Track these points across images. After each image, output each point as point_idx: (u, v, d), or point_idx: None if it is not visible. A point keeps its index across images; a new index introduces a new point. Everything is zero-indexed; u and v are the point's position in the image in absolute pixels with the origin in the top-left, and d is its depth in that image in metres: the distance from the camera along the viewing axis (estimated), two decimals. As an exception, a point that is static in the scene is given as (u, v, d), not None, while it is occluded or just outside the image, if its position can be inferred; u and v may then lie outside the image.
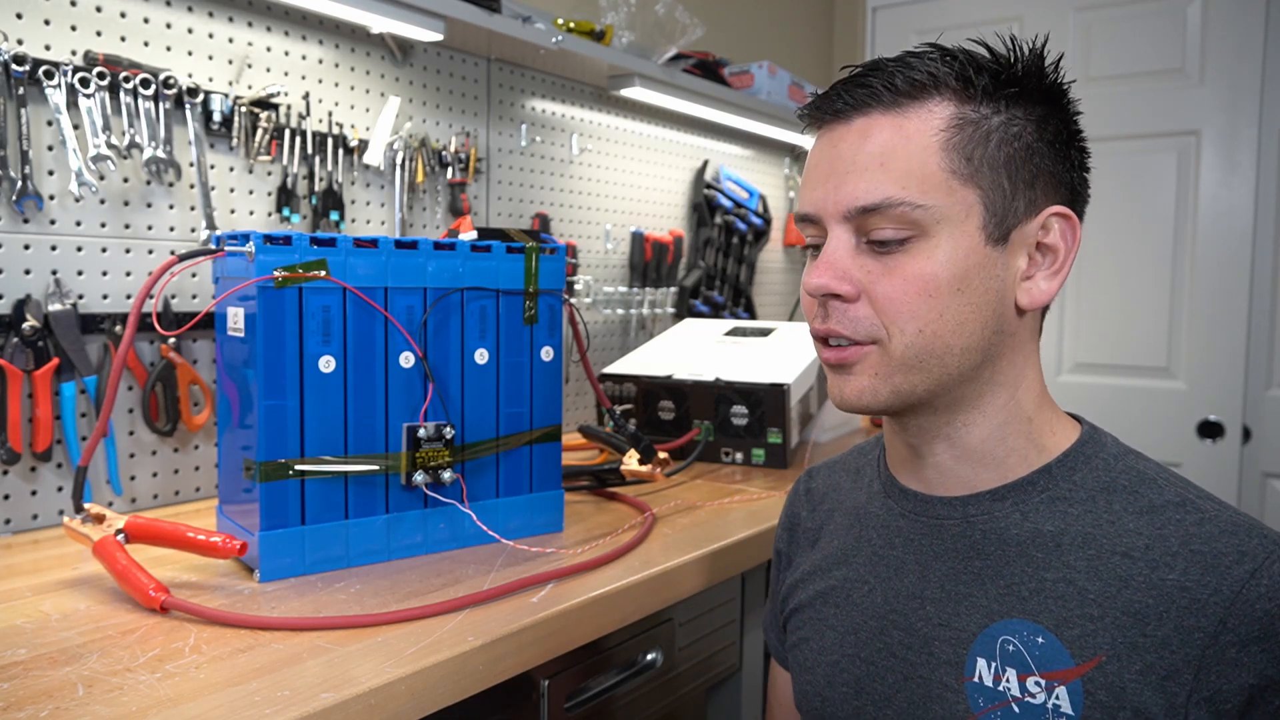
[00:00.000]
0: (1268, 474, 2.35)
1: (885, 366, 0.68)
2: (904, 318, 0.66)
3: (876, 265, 0.67)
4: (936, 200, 0.65)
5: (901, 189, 0.65)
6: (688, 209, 2.29)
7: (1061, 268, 0.70)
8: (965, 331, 0.67)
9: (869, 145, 0.67)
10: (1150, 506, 0.66)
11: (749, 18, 2.62)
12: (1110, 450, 0.71)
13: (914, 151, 0.66)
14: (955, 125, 0.66)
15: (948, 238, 0.66)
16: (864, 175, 0.66)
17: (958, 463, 0.72)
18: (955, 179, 0.66)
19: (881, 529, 0.78)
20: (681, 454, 1.57)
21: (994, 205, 0.67)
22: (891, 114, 0.67)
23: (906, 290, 0.66)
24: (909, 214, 0.65)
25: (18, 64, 1.09)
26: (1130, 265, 2.45)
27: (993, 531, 0.70)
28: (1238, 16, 2.29)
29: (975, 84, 0.67)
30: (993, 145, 0.67)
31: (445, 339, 1.06)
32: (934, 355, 0.67)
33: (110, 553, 0.89)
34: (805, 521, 0.89)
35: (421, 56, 1.59)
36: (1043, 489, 0.69)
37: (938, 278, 0.66)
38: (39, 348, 1.12)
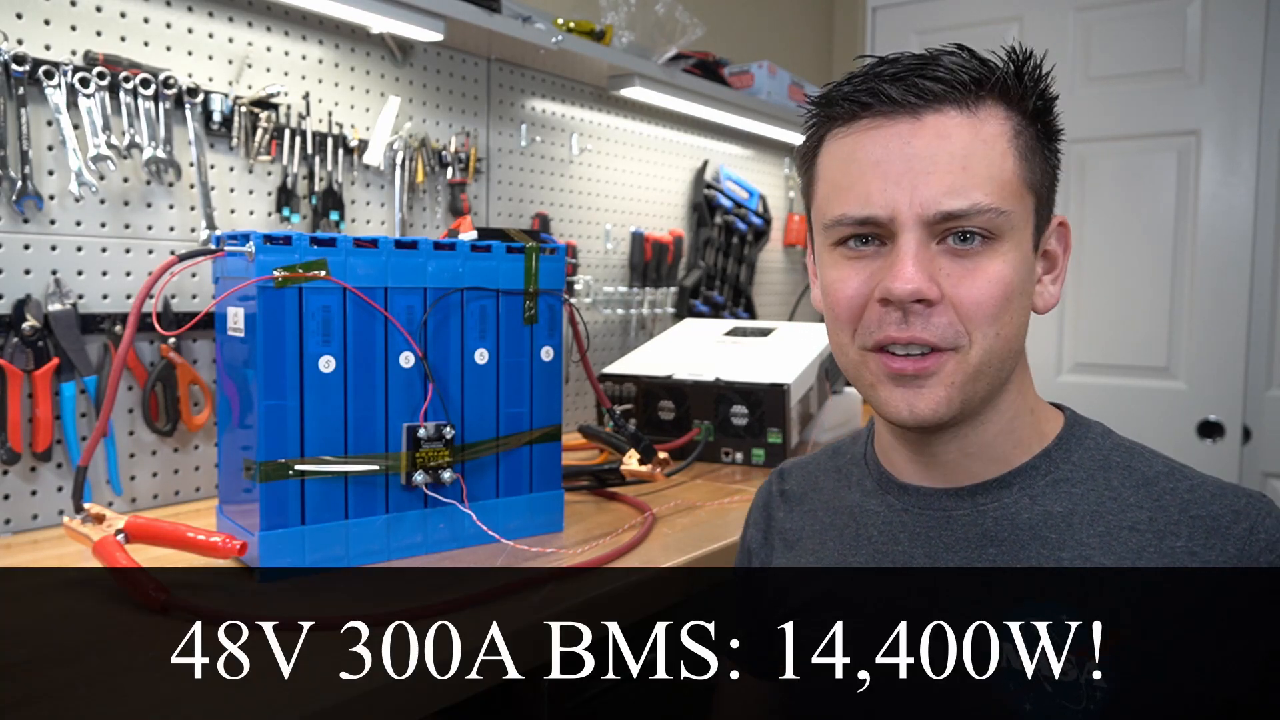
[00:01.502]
0: (1268, 474, 2.34)
1: (962, 375, 0.67)
2: (986, 321, 0.66)
3: (955, 268, 0.66)
4: (1013, 206, 0.66)
5: (985, 194, 0.65)
6: (688, 209, 2.29)
7: (1061, 273, 0.73)
8: (1021, 335, 0.69)
9: (949, 145, 0.65)
10: (1145, 479, 0.69)
11: (749, 18, 2.62)
12: (1096, 430, 0.74)
13: (994, 156, 0.65)
14: (1018, 131, 0.67)
15: (1015, 243, 0.67)
16: (946, 178, 0.64)
17: (967, 458, 0.72)
18: (1025, 186, 0.67)
19: (883, 526, 0.76)
20: (681, 454, 1.57)
21: (1041, 213, 0.69)
22: (965, 113, 0.66)
23: (991, 293, 0.65)
24: (993, 220, 0.65)
25: (18, 64, 1.09)
26: (1130, 265, 2.45)
27: (1004, 518, 0.70)
28: (1238, 16, 2.29)
29: (1017, 91, 0.67)
30: (1039, 155, 0.69)
31: (445, 339, 1.06)
32: (1002, 359, 0.68)
33: (110, 553, 0.89)
34: (782, 523, 0.86)
35: (421, 56, 1.59)
36: (1045, 472, 0.71)
37: (1012, 282, 0.66)
38: (39, 348, 1.12)
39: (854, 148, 0.68)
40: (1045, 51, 0.71)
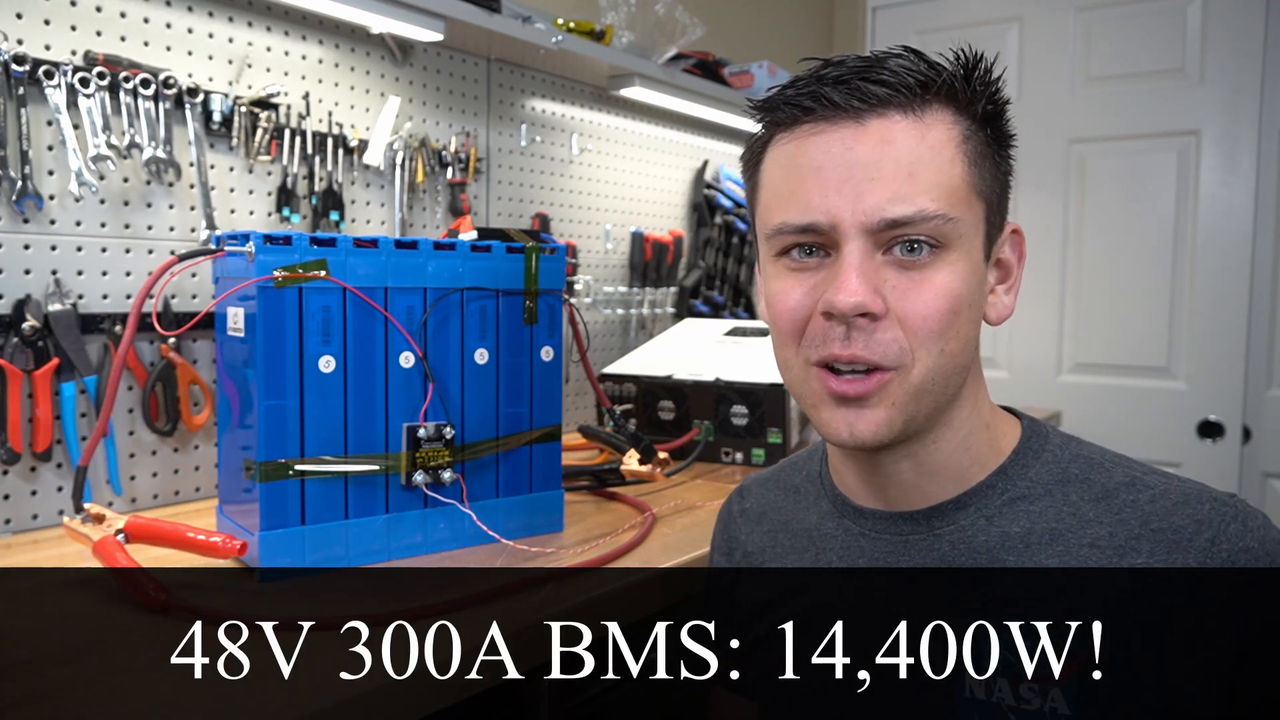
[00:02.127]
0: (1268, 474, 2.34)
1: (904, 394, 0.64)
2: (932, 337, 0.63)
3: (901, 279, 0.63)
4: (961, 214, 0.63)
5: (932, 201, 0.62)
6: (688, 209, 2.29)
7: (1015, 282, 0.70)
8: (969, 350, 0.66)
9: (894, 151, 0.62)
10: (1104, 491, 0.66)
11: (749, 18, 2.62)
12: (1054, 440, 0.71)
13: (941, 162, 0.63)
14: (966, 136, 0.64)
15: (964, 253, 0.64)
16: (890, 185, 0.62)
17: (920, 478, 0.69)
18: (973, 192, 0.64)
19: (841, 551, 0.74)
20: (681, 454, 1.57)
21: (991, 220, 0.66)
22: (910, 118, 0.63)
23: (938, 306, 0.62)
24: (940, 227, 0.62)
25: (18, 64, 1.09)
26: (1130, 265, 2.45)
27: (960, 541, 0.68)
28: (1238, 16, 2.29)
29: (967, 94, 0.65)
30: (990, 159, 0.66)
31: (445, 339, 1.06)
32: (947, 377, 0.65)
33: (110, 553, 0.89)
34: (746, 544, 0.84)
35: (421, 56, 1.59)
36: (1002, 490, 0.68)
37: (961, 294, 0.63)
38: (39, 348, 1.12)
39: (796, 154, 0.65)
40: (997, 54, 0.69)
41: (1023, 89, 2.54)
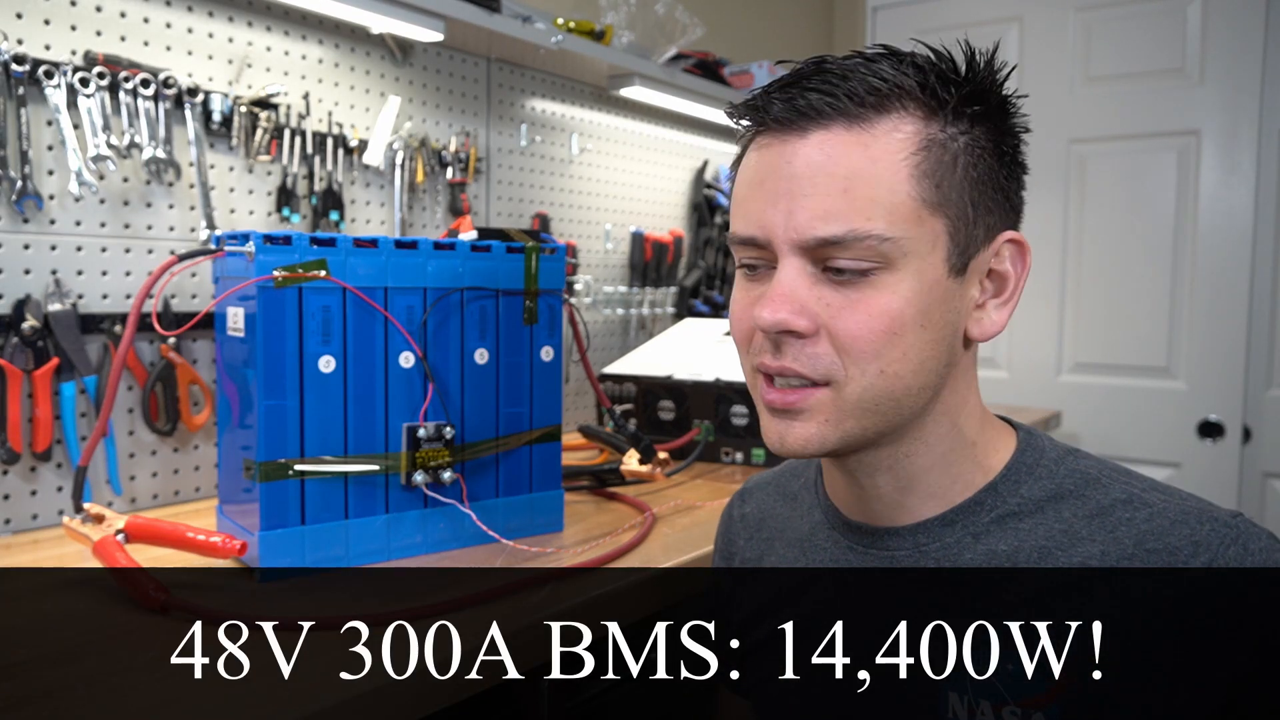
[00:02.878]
0: (1268, 474, 2.34)
1: (837, 411, 0.62)
2: (866, 357, 0.60)
3: (836, 297, 0.61)
4: (905, 232, 0.59)
5: (867, 220, 0.59)
6: (688, 209, 2.29)
7: (1012, 296, 0.65)
8: (925, 371, 0.62)
9: (831, 166, 0.59)
10: (1099, 509, 0.63)
11: (749, 18, 2.62)
12: (1050, 454, 0.67)
13: (882, 177, 0.59)
14: (924, 147, 0.60)
15: (913, 271, 0.60)
16: (824, 201, 0.59)
17: (901, 494, 0.68)
18: (925, 208, 0.60)
19: (830, 563, 0.73)
20: (681, 454, 1.57)
21: (959, 235, 0.62)
22: (855, 130, 0.60)
23: (870, 328, 0.60)
24: (876, 247, 0.59)
25: (18, 64, 1.09)
26: (1130, 265, 2.45)
27: (946, 559, 0.66)
28: (1238, 16, 2.29)
29: (940, 98, 0.61)
30: (960, 170, 0.61)
31: (445, 339, 1.06)
32: (891, 398, 0.62)
33: (110, 553, 0.89)
34: (743, 551, 0.84)
35: (421, 56, 1.59)
36: (990, 508, 0.66)
37: (903, 315, 0.60)
38: (39, 348, 1.12)
39: (751, 164, 0.64)
40: (995, 46, 0.65)
41: (1022, 89, 2.51)
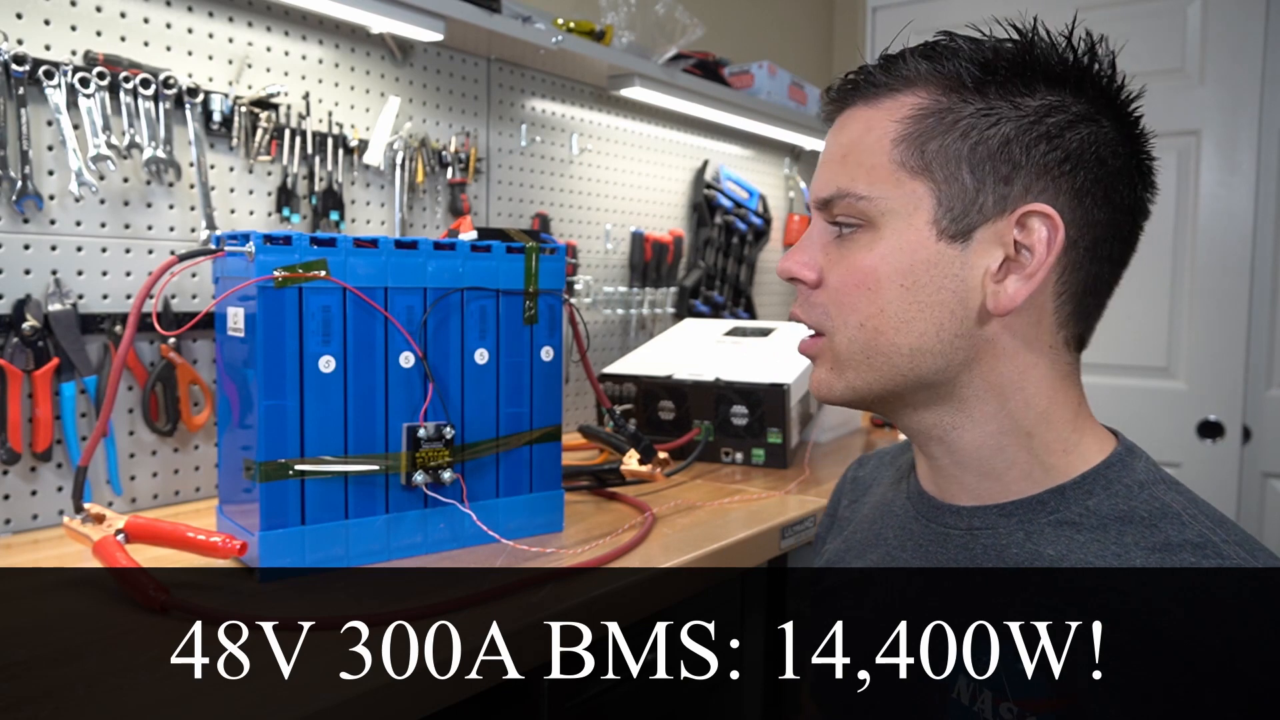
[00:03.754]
0: (1268, 474, 2.34)
1: (835, 361, 0.69)
2: (845, 309, 0.67)
3: (836, 254, 0.68)
4: (881, 192, 0.65)
5: (850, 180, 0.66)
6: (688, 209, 2.29)
7: (1035, 271, 0.63)
8: (913, 331, 0.64)
9: (840, 137, 0.69)
10: (1165, 544, 0.59)
11: (749, 18, 2.62)
12: (1138, 476, 0.65)
13: (870, 143, 0.66)
14: (914, 116, 0.65)
15: (893, 231, 0.65)
16: (829, 166, 0.68)
17: (957, 468, 0.69)
18: (904, 171, 0.64)
19: (897, 529, 0.76)
20: (681, 454, 1.57)
21: (949, 200, 0.63)
22: (867, 107, 0.68)
23: (847, 280, 0.67)
24: (854, 205, 0.66)
25: (18, 64, 1.09)
26: (1130, 265, 2.44)
27: (994, 548, 0.67)
28: (1238, 16, 2.29)
29: (951, 73, 0.64)
30: (954, 136, 0.63)
31: (445, 339, 1.06)
32: (879, 352, 0.66)
33: (110, 553, 0.89)
34: (843, 510, 0.89)
35: (421, 56, 1.59)
36: (1052, 510, 0.65)
37: (877, 271, 0.65)
38: (39, 348, 1.12)
39: None
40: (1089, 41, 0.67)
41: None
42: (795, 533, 1.25)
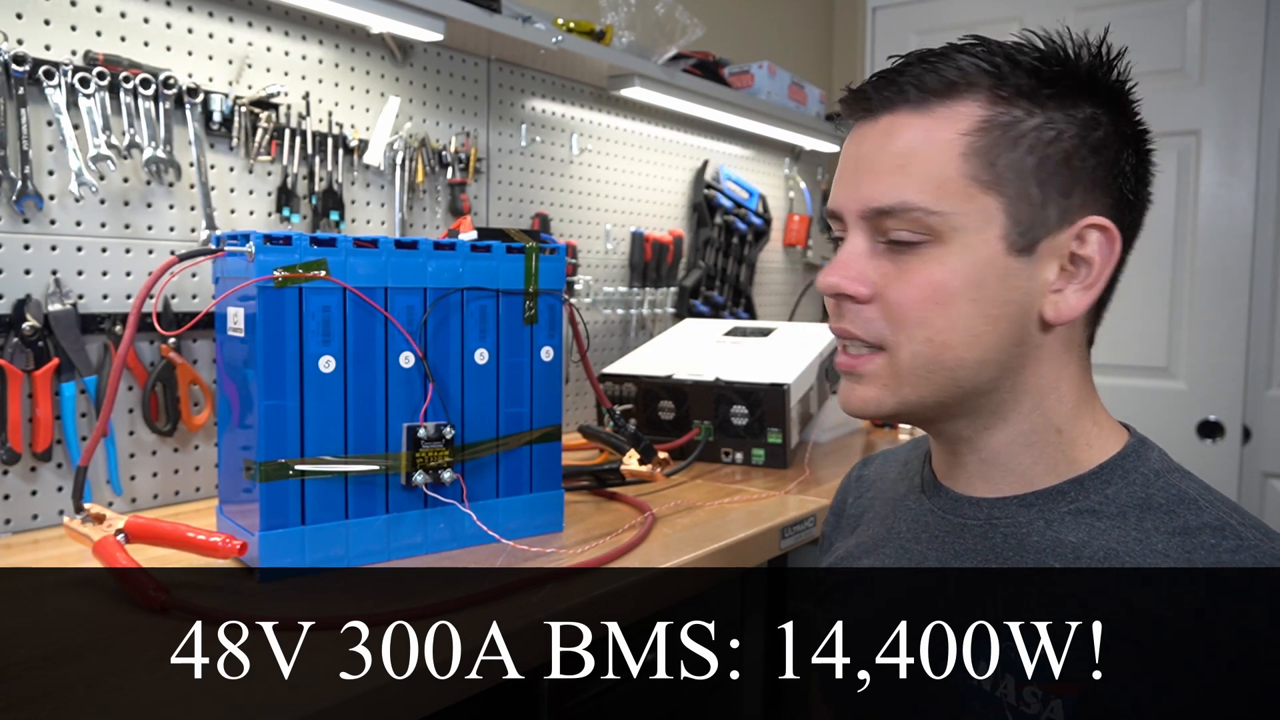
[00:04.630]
0: (1268, 474, 2.34)
1: (893, 377, 0.66)
2: (912, 325, 0.65)
3: (891, 268, 0.66)
4: (953, 207, 0.63)
5: (917, 193, 0.63)
6: (688, 209, 2.29)
7: (1095, 282, 0.67)
8: (980, 345, 0.65)
9: (891, 145, 0.65)
10: (1185, 528, 0.62)
11: (749, 18, 2.62)
12: (1153, 466, 0.67)
13: (935, 155, 0.64)
14: (981, 129, 0.63)
15: (963, 245, 0.64)
16: (882, 176, 0.65)
17: (984, 466, 0.71)
18: (975, 186, 0.63)
19: (911, 523, 0.77)
20: (681, 454, 1.57)
21: (1019, 214, 0.64)
22: (919, 114, 0.65)
23: (916, 296, 0.64)
24: (923, 219, 0.63)
25: (18, 64, 1.09)
26: (1130, 265, 2.43)
27: (1014, 536, 0.68)
28: (1238, 16, 2.29)
29: (1010, 83, 0.64)
30: (1022, 150, 0.64)
31: (445, 339, 1.06)
32: (943, 367, 0.65)
33: (110, 553, 0.89)
34: (850, 508, 0.89)
35: (421, 56, 1.59)
36: (1072, 500, 0.67)
37: (949, 286, 0.64)
38: (39, 348, 1.12)
39: (842, 150, 0.72)
40: (1120, 50, 0.67)
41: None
42: (795, 533, 1.25)
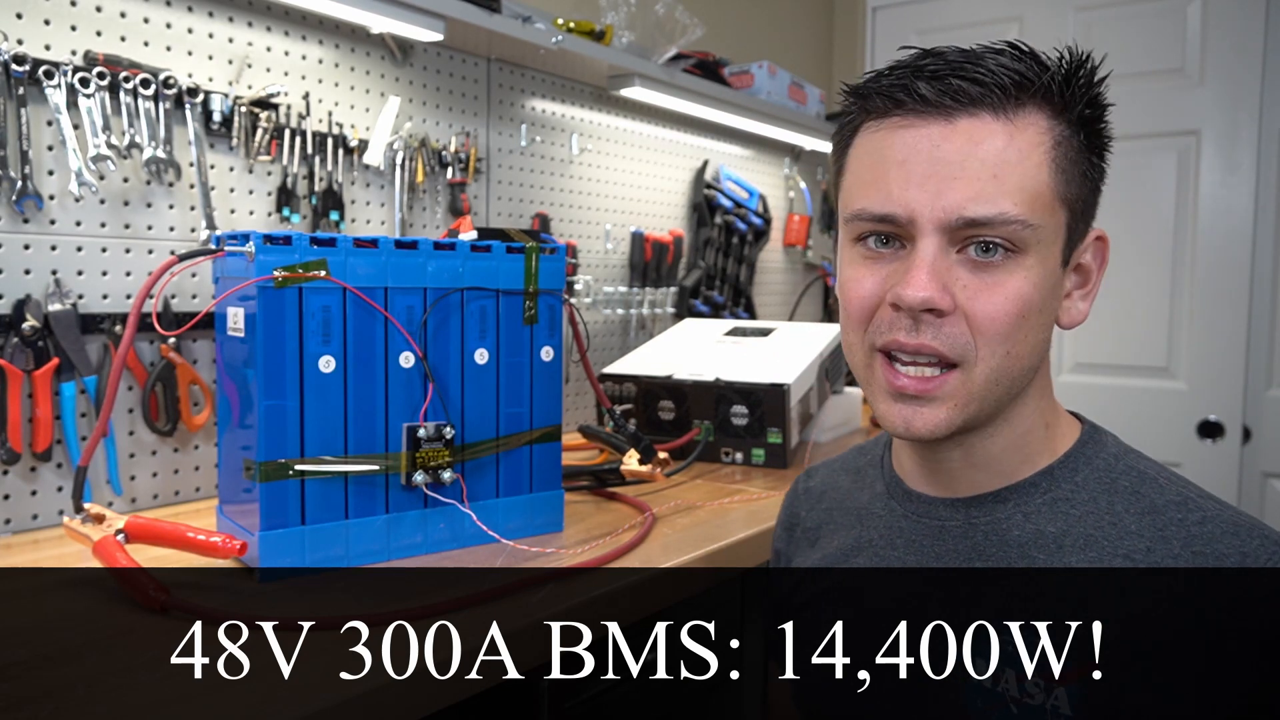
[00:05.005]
0: (1268, 474, 2.34)
1: (966, 395, 0.65)
2: (998, 339, 0.64)
3: (973, 280, 0.64)
4: (1042, 220, 0.63)
5: (1014, 205, 0.62)
6: (688, 209, 2.29)
7: (1093, 289, 0.70)
8: (1036, 354, 0.67)
9: (980, 151, 0.62)
10: (1152, 507, 0.65)
11: (749, 18, 2.62)
12: (1110, 449, 0.70)
13: (1029, 167, 0.63)
14: (1059, 142, 0.64)
15: (1040, 259, 0.64)
16: (974, 184, 0.62)
17: (971, 469, 0.71)
18: (1058, 200, 0.64)
19: (884, 530, 0.77)
20: (681, 454, 1.57)
21: (1075, 228, 0.67)
22: (1001, 119, 0.63)
23: (1006, 310, 0.63)
24: (1018, 232, 0.62)
25: (18, 64, 1.09)
26: (1130, 265, 2.45)
27: (995, 533, 0.69)
28: (1238, 16, 2.29)
29: (1062, 97, 0.64)
30: (1081, 165, 0.66)
31: (445, 339, 1.06)
32: (1010, 378, 0.66)
33: (110, 553, 0.89)
34: (805, 521, 0.88)
35: (421, 56, 1.59)
36: (1045, 490, 0.69)
37: (1032, 300, 0.64)
38: (39, 348, 1.12)
39: (883, 144, 0.66)
40: (1104, 56, 0.68)
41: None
42: (795, 533, 1.25)
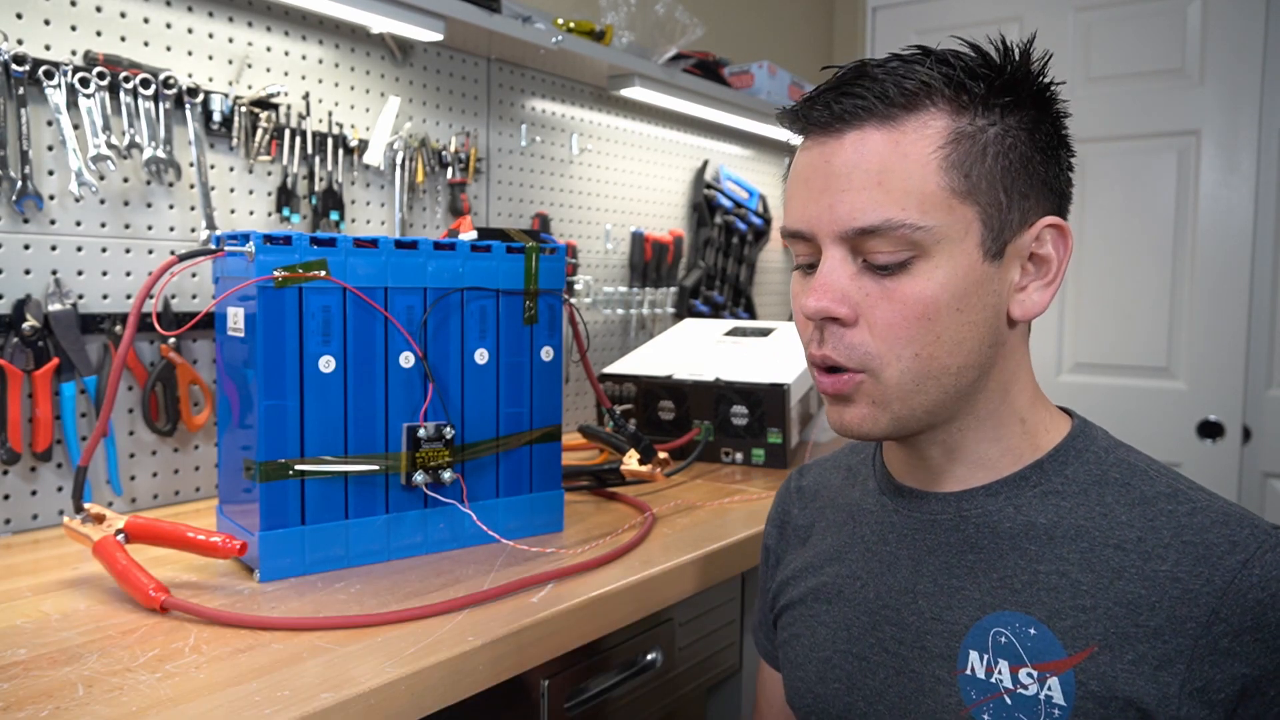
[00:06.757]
0: (1268, 474, 2.34)
1: (881, 396, 0.67)
2: (900, 342, 0.65)
3: (875, 288, 0.65)
4: (937, 220, 0.64)
5: (901, 210, 0.63)
6: (688, 209, 2.29)
7: (1055, 278, 0.69)
8: (963, 350, 0.66)
9: (864, 162, 0.64)
10: (1142, 498, 0.66)
11: (749, 18, 2.62)
12: (1101, 443, 0.71)
13: (912, 169, 0.63)
14: (953, 140, 0.64)
15: (947, 258, 0.64)
16: (861, 194, 0.64)
17: (952, 463, 0.72)
18: (955, 197, 0.64)
19: (875, 525, 0.78)
20: (681, 454, 1.57)
21: (991, 221, 0.65)
22: (886, 127, 0.64)
23: (906, 314, 0.65)
24: (909, 235, 0.63)
25: (18, 64, 1.09)
26: (1130, 265, 2.45)
27: (986, 525, 0.70)
28: (1238, 16, 2.29)
29: (970, 92, 0.65)
30: (990, 159, 0.65)
31: (445, 339, 1.06)
32: (930, 377, 0.66)
33: (110, 553, 0.89)
34: (796, 519, 0.89)
35: (421, 56, 1.59)
36: (1035, 483, 0.70)
37: (937, 300, 0.64)
38: (39, 348, 1.12)
39: (798, 164, 0.70)
40: (1048, 54, 0.68)
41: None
42: (795, 533, 1.25)
